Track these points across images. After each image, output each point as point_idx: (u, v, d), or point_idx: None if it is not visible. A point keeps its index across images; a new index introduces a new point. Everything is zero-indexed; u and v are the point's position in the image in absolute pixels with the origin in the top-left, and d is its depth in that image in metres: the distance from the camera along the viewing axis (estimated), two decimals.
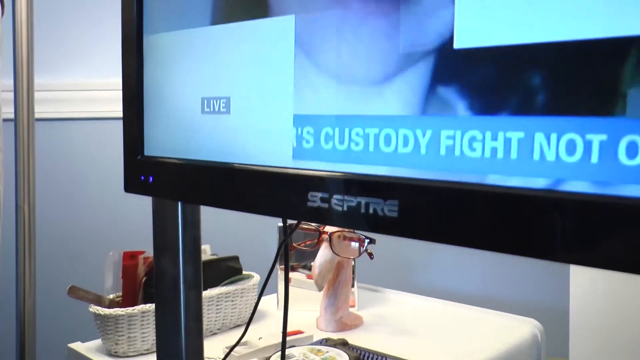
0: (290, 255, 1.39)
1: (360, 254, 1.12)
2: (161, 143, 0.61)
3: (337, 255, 1.11)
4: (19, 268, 1.21)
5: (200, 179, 0.56)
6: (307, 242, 1.16)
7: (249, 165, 0.51)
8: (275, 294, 1.31)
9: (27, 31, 1.21)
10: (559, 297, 1.46)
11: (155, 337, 0.78)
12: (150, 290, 1.07)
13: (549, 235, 0.33)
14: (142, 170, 0.62)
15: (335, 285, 1.16)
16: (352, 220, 0.43)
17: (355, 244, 1.13)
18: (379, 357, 0.91)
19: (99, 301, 1.08)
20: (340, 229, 1.13)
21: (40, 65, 1.36)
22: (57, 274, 1.38)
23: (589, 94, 0.32)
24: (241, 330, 1.15)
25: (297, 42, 0.47)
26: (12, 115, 1.23)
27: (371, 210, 0.42)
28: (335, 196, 0.44)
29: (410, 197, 0.40)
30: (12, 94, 1.22)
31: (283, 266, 1.17)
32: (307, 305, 1.25)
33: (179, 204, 0.70)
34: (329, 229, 1.13)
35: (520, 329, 1.14)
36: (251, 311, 1.22)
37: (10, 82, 1.21)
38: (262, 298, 1.41)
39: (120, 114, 0.64)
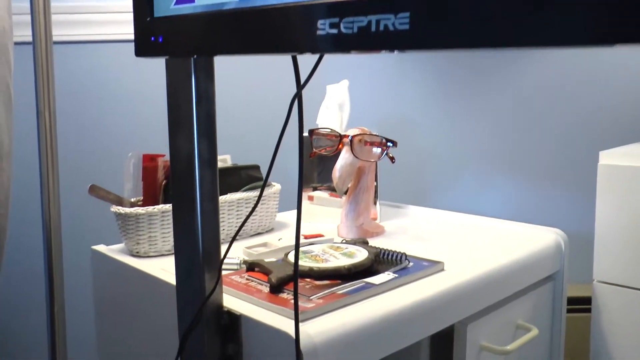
0: (313, 177, 1.38)
1: (381, 157, 1.10)
2: (170, 4, 0.59)
3: (358, 158, 1.09)
4: (43, 176, 1.21)
5: (209, 28, 0.54)
6: (328, 148, 1.14)
7: (255, 6, 0.49)
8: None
9: None
10: (585, 223, 1.43)
11: None
12: (170, 194, 1.07)
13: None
14: (152, 31, 0.60)
15: (356, 191, 1.14)
16: (363, 41, 0.41)
17: (376, 149, 1.11)
18: (399, 255, 0.90)
19: (120, 202, 1.08)
20: (361, 132, 1.11)
21: None
22: (79, 181, 1.39)
23: None
24: (262, 238, 1.15)
25: None
26: (30, 39, 1.22)
27: (382, 27, 0.40)
28: (344, 19, 0.42)
29: (421, 6, 0.38)
30: (29, 17, 1.22)
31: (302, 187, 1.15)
32: (330, 221, 1.25)
33: (193, 76, 0.68)
34: (350, 132, 1.11)
35: (544, 237, 1.12)
36: (271, 220, 1.22)
37: (26, 5, 1.21)
38: (284, 212, 1.41)
39: None
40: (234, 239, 0.73)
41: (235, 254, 1.00)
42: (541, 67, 1.68)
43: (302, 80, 0.56)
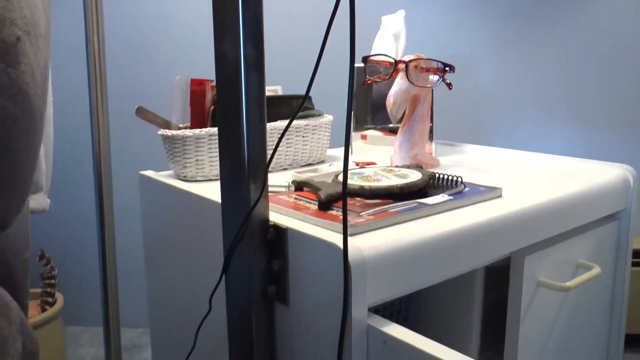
0: (367, 120, 1.34)
1: (437, 83, 1.05)
2: None
3: (414, 84, 1.04)
4: (92, 106, 1.20)
5: None
6: (382, 76, 1.09)
7: None
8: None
9: None
10: None
11: None
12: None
13: None
14: None
15: (411, 121, 1.09)
16: None
17: (433, 76, 1.06)
18: (455, 178, 0.85)
19: (167, 126, 1.06)
20: (417, 57, 1.05)
21: None
22: (128, 108, 1.38)
23: None
24: (313, 168, 1.12)
25: None
26: None
27: None
28: None
29: None
30: None
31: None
32: (383, 159, 1.21)
33: None
34: (406, 58, 1.06)
35: (610, 172, 1.05)
36: (322, 151, 1.18)
37: None
38: (336, 149, 1.37)
39: None
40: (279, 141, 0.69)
41: (285, 179, 0.97)
42: (607, 12, 1.57)
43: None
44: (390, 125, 1.31)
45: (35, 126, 0.47)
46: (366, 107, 1.32)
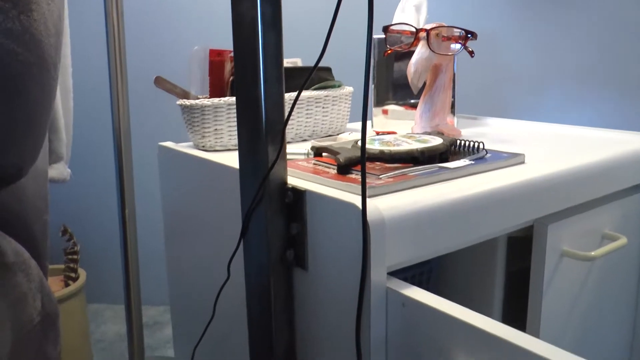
0: (389, 96, 1.32)
1: (459, 51, 1.03)
2: None
3: (435, 52, 1.02)
4: (112, 77, 1.20)
5: None
6: (403, 46, 1.07)
7: None
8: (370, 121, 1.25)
9: None
10: None
11: None
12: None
13: None
14: None
15: (432, 90, 1.07)
16: None
17: (454, 45, 1.04)
18: (476, 143, 0.84)
19: (186, 96, 1.06)
20: (438, 24, 1.04)
21: None
22: (147, 77, 1.38)
23: None
24: (332, 138, 1.11)
25: None
26: None
27: None
28: None
29: None
30: None
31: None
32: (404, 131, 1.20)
33: None
34: (427, 26, 1.04)
35: (635, 142, 1.02)
36: (343, 123, 1.17)
37: None
38: (356, 122, 1.36)
39: None
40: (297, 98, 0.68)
41: (304, 149, 0.96)
42: None
43: None
44: (412, 101, 1.29)
45: (48, 76, 0.47)
46: (387, 84, 1.30)
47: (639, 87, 1.55)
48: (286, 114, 0.69)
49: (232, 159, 0.90)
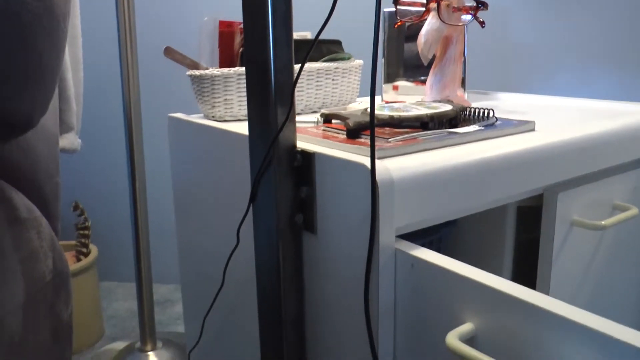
0: (400, 73, 1.31)
1: (469, 21, 1.02)
2: None
3: (445, 23, 1.02)
4: (122, 48, 1.20)
5: None
6: (414, 18, 1.07)
7: None
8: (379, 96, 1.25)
9: None
10: None
11: None
12: None
13: None
14: None
15: (442, 62, 1.07)
16: None
17: (465, 16, 1.03)
18: (486, 110, 0.83)
19: (195, 67, 1.06)
20: None
21: None
22: (157, 48, 1.38)
23: None
24: (342, 107, 1.11)
25: None
26: None
27: None
28: None
29: None
30: None
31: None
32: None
33: None
34: None
35: None
36: (352, 95, 1.17)
37: None
38: (364, 97, 1.36)
39: None
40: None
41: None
42: None
43: None
44: (422, 78, 1.29)
45: (58, 28, 0.47)
46: (398, 62, 1.30)
47: None
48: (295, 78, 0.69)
49: (242, 128, 0.90)
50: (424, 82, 1.26)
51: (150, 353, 1.55)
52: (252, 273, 0.88)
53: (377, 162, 0.62)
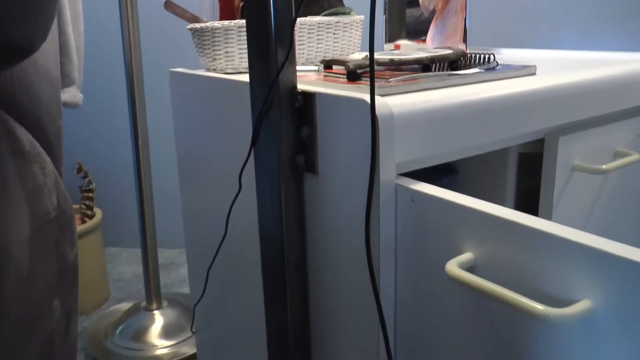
0: (402, 34, 1.31)
1: None
2: None
3: None
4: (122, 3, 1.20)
5: None
6: None
7: None
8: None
9: None
10: None
11: None
12: None
13: None
14: None
15: (444, 13, 1.06)
16: None
17: None
18: (487, 55, 0.83)
19: (196, 21, 1.05)
20: None
21: None
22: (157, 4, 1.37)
23: None
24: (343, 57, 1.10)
25: None
26: None
27: None
28: None
29: None
30: None
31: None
32: None
33: None
34: None
35: None
36: (354, 51, 1.17)
37: None
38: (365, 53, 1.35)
39: None
40: None
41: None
42: None
43: None
44: (424, 37, 1.28)
45: None
46: (400, 22, 1.29)
47: None
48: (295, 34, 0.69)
49: (243, 78, 0.90)
50: (426, 41, 1.26)
51: (156, 312, 1.57)
52: (255, 221, 0.89)
53: (377, 98, 0.62)
